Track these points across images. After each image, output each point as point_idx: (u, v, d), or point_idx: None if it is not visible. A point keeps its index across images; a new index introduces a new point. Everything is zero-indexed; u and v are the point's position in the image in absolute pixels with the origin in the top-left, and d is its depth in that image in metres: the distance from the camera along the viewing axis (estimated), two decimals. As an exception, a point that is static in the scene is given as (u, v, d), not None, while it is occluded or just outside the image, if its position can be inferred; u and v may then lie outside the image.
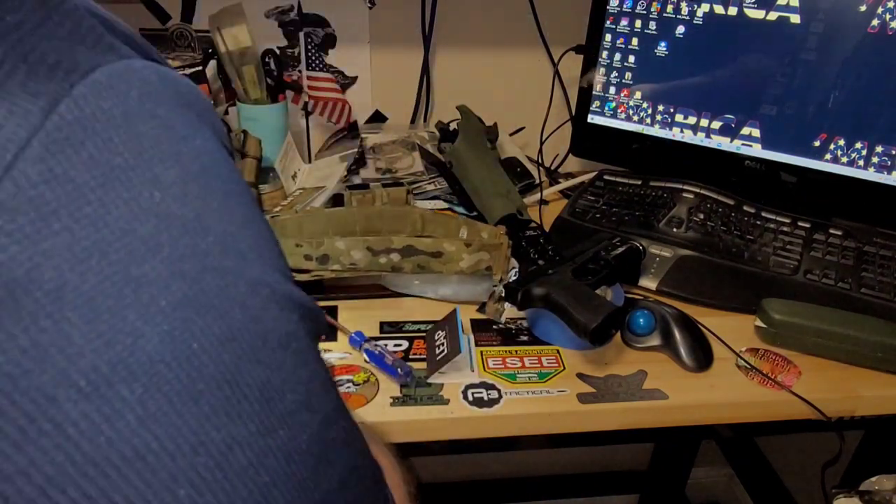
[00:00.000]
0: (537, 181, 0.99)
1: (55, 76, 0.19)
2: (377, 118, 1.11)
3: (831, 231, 0.81)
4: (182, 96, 0.23)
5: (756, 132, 0.85)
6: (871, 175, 0.79)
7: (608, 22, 0.90)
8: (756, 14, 0.80)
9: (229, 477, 0.21)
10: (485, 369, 0.62)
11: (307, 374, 0.24)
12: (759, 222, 0.83)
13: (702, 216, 0.84)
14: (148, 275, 0.20)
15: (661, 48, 0.88)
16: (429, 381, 0.61)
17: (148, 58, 0.23)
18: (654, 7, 0.87)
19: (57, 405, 0.18)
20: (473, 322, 0.70)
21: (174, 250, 0.20)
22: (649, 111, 0.92)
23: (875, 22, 0.74)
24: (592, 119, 0.97)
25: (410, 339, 0.66)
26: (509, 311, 0.70)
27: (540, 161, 1.06)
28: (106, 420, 0.18)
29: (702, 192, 0.87)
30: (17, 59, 0.19)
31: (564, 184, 1.01)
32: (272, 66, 0.96)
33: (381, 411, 0.57)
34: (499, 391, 0.60)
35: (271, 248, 0.25)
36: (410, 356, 0.64)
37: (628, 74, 0.92)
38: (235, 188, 0.24)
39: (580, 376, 0.62)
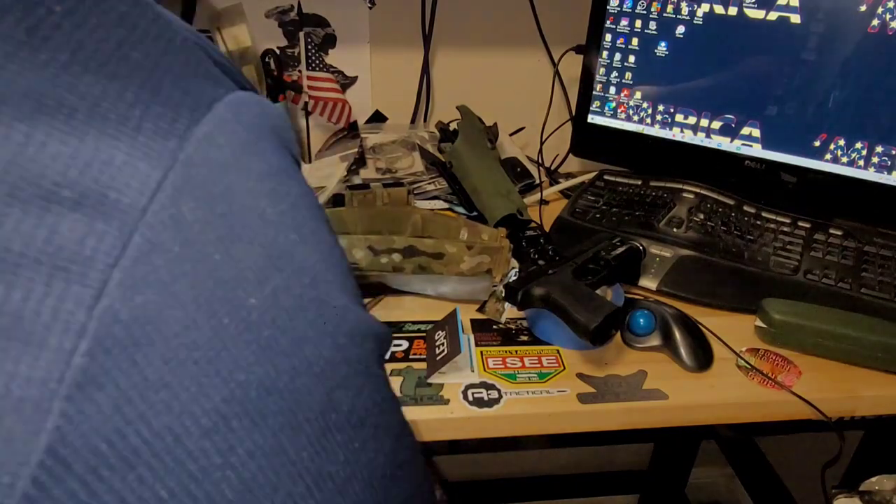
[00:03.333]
0: (537, 181, 0.99)
1: (181, 114, 0.20)
2: (377, 118, 1.11)
3: (831, 231, 0.81)
4: (275, 127, 0.23)
5: (756, 132, 0.85)
6: (871, 175, 0.79)
7: (608, 22, 0.90)
8: (756, 14, 0.80)
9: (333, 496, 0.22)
10: (485, 369, 0.62)
11: (381, 397, 0.25)
12: (759, 222, 0.83)
13: (702, 216, 0.84)
14: (258, 310, 0.20)
15: (661, 48, 0.88)
16: (429, 381, 0.61)
17: (240, 85, 0.24)
18: (654, 7, 0.87)
19: (181, 444, 0.18)
20: (473, 322, 0.70)
21: (279, 285, 0.21)
22: (649, 111, 0.92)
23: (875, 22, 0.74)
24: (592, 119, 0.97)
25: (410, 339, 0.66)
26: (509, 311, 0.70)
27: (540, 161, 1.06)
28: (221, 455, 0.19)
29: (702, 192, 0.87)
30: (149, 99, 0.19)
31: (564, 184, 1.01)
32: (272, 66, 0.96)
33: (381, 411, 0.57)
34: (499, 391, 0.60)
35: (348, 274, 0.26)
36: (410, 356, 0.64)
37: (628, 74, 0.92)
38: (320, 216, 0.25)
39: (580, 376, 0.62)
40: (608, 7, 0.90)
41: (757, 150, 0.86)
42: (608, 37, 0.91)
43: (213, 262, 0.19)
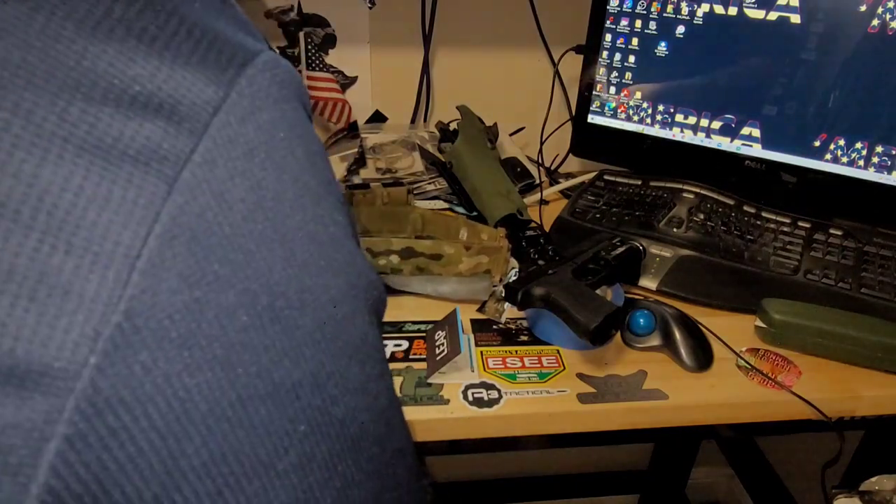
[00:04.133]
0: (537, 181, 0.99)
1: (236, 55, 0.23)
2: (377, 118, 1.11)
3: (831, 231, 0.81)
4: (298, 87, 0.26)
5: (756, 132, 0.85)
6: (871, 175, 0.79)
7: (608, 22, 0.90)
8: (756, 14, 0.80)
9: (333, 423, 0.24)
10: (485, 369, 0.62)
11: (380, 343, 0.28)
12: (759, 222, 0.83)
13: (702, 216, 0.84)
14: (294, 229, 0.23)
15: (661, 48, 0.88)
16: (429, 381, 0.61)
17: (269, 46, 0.27)
18: (654, 7, 0.87)
19: (230, 326, 0.21)
20: (473, 322, 0.70)
21: (308, 216, 0.24)
22: (649, 111, 0.92)
23: (875, 22, 0.74)
24: (592, 119, 0.97)
25: (410, 339, 0.66)
26: (509, 311, 0.70)
27: (540, 161, 1.06)
28: (258, 352, 0.21)
29: (702, 192, 0.87)
30: (210, 39, 0.22)
31: (564, 184, 1.01)
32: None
33: (381, 411, 0.57)
34: (499, 391, 0.60)
35: (353, 226, 0.29)
36: (410, 356, 0.64)
37: (628, 74, 0.92)
38: (331, 174, 0.28)
39: (580, 376, 0.62)
40: (608, 7, 0.90)
41: (757, 150, 0.86)
42: (608, 37, 0.91)
43: (258, 178, 0.22)
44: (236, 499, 0.21)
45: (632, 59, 0.91)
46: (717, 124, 0.88)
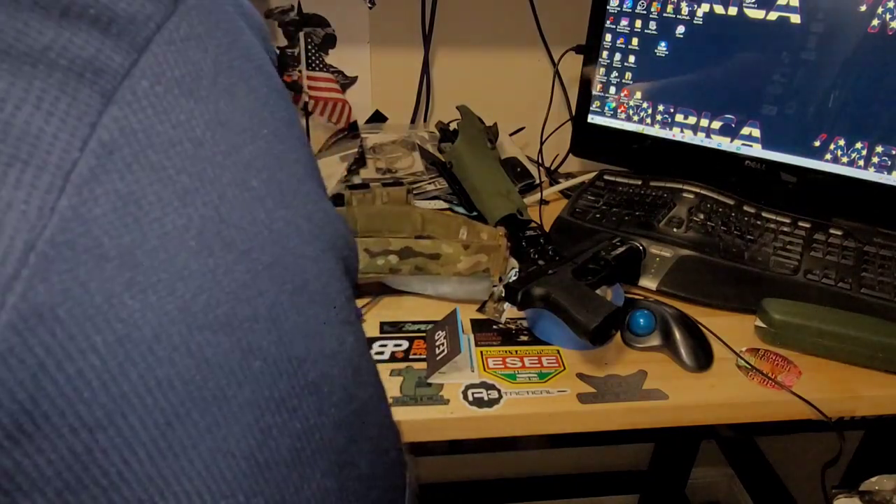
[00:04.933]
0: (537, 181, 0.99)
1: None
2: (377, 118, 1.11)
3: (831, 231, 0.81)
4: (259, 24, 0.25)
5: (756, 132, 0.85)
6: (871, 175, 0.79)
7: (608, 22, 0.90)
8: (756, 14, 0.80)
9: (291, 361, 0.23)
10: (485, 369, 0.62)
11: (349, 295, 0.28)
12: (759, 222, 0.83)
13: (702, 216, 0.84)
14: (245, 158, 0.22)
15: (661, 48, 0.88)
16: (429, 381, 0.61)
17: None
18: (654, 7, 0.87)
19: (171, 256, 0.20)
20: (473, 322, 0.70)
21: (260, 147, 0.23)
22: (649, 111, 0.92)
23: (875, 22, 0.74)
24: (592, 119, 0.97)
25: (410, 339, 0.66)
26: (509, 311, 0.70)
27: (540, 161, 1.06)
28: (208, 281, 0.21)
29: (702, 192, 0.87)
30: None
31: (564, 184, 1.01)
32: (272, 66, 0.96)
33: (381, 411, 0.57)
34: (499, 391, 0.60)
35: (319, 175, 0.28)
36: (410, 356, 0.64)
37: (628, 74, 0.92)
38: (294, 116, 0.27)
39: (580, 376, 0.62)
40: (608, 7, 0.90)
41: (757, 150, 0.86)
42: (608, 37, 0.91)
43: (207, 101, 0.21)
44: (187, 431, 0.20)
45: (632, 59, 0.91)
46: (717, 124, 0.88)
